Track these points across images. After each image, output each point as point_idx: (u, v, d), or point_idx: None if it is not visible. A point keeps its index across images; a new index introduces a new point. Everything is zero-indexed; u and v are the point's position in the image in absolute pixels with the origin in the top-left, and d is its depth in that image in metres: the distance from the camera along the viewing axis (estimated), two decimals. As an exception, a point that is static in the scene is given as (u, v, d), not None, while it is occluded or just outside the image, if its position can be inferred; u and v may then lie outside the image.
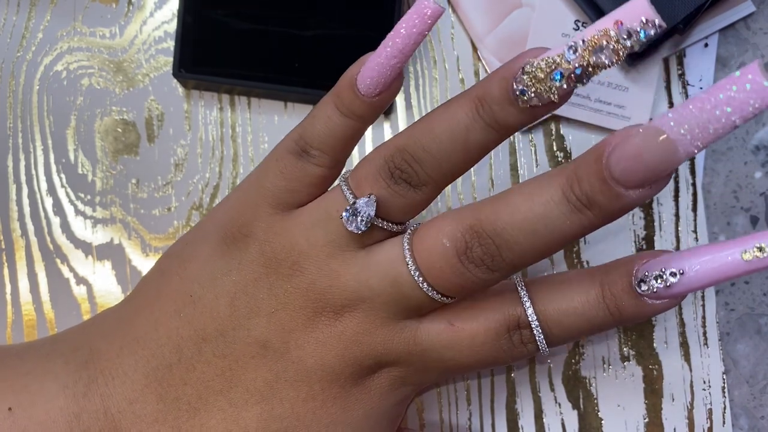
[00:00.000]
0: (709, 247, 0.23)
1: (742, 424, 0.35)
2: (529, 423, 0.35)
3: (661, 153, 0.21)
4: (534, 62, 0.23)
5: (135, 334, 0.27)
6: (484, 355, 0.26)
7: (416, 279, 0.25)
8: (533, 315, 0.26)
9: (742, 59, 0.36)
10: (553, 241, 0.24)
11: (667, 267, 0.24)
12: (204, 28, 0.34)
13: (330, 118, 0.26)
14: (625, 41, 0.21)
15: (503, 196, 0.25)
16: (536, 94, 0.23)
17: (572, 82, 0.22)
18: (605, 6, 0.34)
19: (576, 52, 0.22)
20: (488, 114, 0.24)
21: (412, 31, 0.24)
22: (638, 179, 0.22)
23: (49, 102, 0.36)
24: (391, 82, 0.25)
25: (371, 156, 0.26)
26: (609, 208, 0.23)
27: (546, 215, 0.23)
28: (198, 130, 0.36)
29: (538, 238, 0.24)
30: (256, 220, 0.27)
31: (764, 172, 0.36)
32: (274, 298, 0.26)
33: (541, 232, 0.24)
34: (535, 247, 0.24)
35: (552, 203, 0.23)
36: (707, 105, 0.20)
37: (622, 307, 0.25)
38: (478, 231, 0.24)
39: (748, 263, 0.22)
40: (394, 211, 0.26)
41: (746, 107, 0.20)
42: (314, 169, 0.26)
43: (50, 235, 0.35)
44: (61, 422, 0.26)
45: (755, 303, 0.35)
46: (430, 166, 0.25)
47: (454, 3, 0.36)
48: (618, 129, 0.33)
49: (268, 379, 0.26)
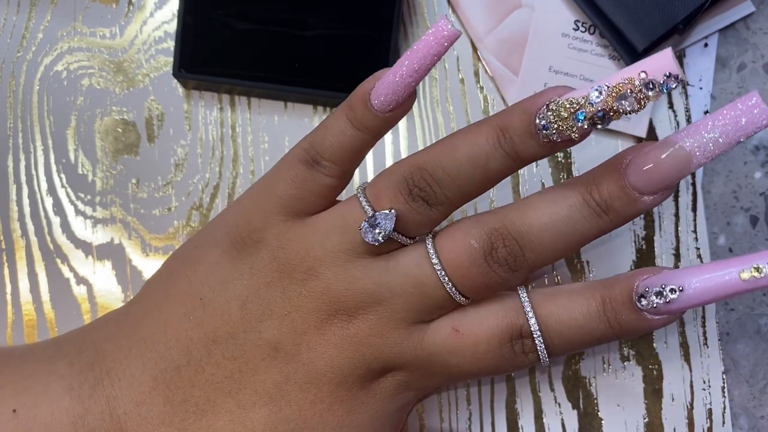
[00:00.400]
0: (708, 265, 0.25)
1: (741, 423, 0.35)
2: (528, 423, 0.35)
3: (677, 163, 0.24)
4: (559, 100, 0.24)
5: (143, 335, 0.27)
6: (486, 362, 0.27)
7: (441, 278, 0.26)
8: (536, 325, 0.27)
9: (742, 59, 0.36)
10: (573, 242, 0.26)
11: (667, 283, 0.25)
12: (204, 28, 0.34)
13: (342, 130, 0.27)
14: (647, 92, 0.23)
15: (527, 201, 0.27)
16: (558, 131, 0.24)
17: (593, 124, 0.24)
18: (605, 6, 0.34)
19: (600, 95, 0.23)
20: (509, 144, 0.25)
21: (428, 53, 0.25)
22: (654, 186, 0.25)
23: (49, 102, 0.36)
24: (404, 99, 0.26)
25: (390, 170, 0.27)
26: (624, 212, 0.25)
27: (569, 217, 0.26)
28: (198, 130, 0.36)
29: (560, 239, 0.26)
30: (267, 226, 0.27)
31: (764, 172, 0.36)
32: (287, 301, 0.27)
33: (565, 232, 0.26)
34: (557, 247, 0.26)
35: (574, 208, 0.26)
36: (718, 123, 0.23)
37: (623, 320, 0.26)
38: (503, 233, 0.26)
39: (746, 282, 0.24)
40: (410, 226, 0.27)
41: (750, 127, 0.23)
42: (324, 179, 0.27)
43: (50, 235, 0.35)
44: (65, 423, 0.26)
45: (755, 303, 0.35)
46: (448, 187, 0.26)
47: (454, 3, 0.36)
48: (618, 129, 0.33)
49: (277, 381, 0.27)
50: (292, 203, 0.27)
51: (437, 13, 0.36)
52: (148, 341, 0.27)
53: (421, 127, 0.36)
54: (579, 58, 0.35)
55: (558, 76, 0.35)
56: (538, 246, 0.26)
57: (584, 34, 0.35)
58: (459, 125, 0.36)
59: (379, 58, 0.34)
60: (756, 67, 0.36)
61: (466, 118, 0.36)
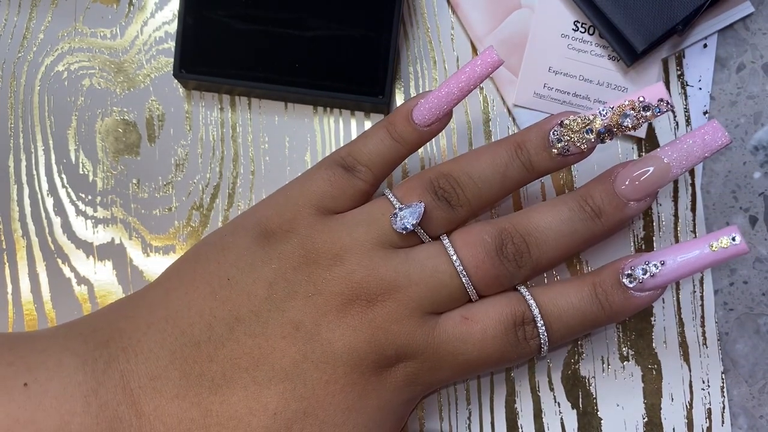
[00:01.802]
0: (685, 243, 0.29)
1: (741, 423, 0.35)
2: (528, 422, 0.35)
3: (657, 175, 0.29)
4: (572, 117, 0.29)
5: (165, 313, 0.28)
6: (493, 349, 0.29)
7: (457, 268, 0.29)
8: (536, 310, 0.29)
9: (741, 59, 0.36)
10: (572, 242, 0.30)
11: (650, 260, 0.29)
12: (205, 28, 0.34)
13: (381, 140, 0.30)
14: (645, 113, 0.28)
15: (533, 207, 0.30)
16: (569, 143, 0.29)
17: (599, 138, 0.29)
18: (604, 7, 0.34)
19: (606, 114, 0.29)
20: (525, 156, 0.30)
21: (474, 74, 0.29)
22: (638, 193, 0.29)
23: (50, 102, 0.36)
24: (444, 116, 0.30)
25: (418, 175, 0.30)
26: (614, 216, 0.30)
27: (569, 219, 0.30)
28: (198, 131, 0.36)
29: (561, 238, 0.29)
30: (298, 218, 0.29)
31: (763, 173, 0.36)
32: (311, 285, 0.28)
33: (565, 232, 0.30)
34: (557, 246, 0.30)
35: (573, 211, 0.30)
36: (691, 140, 0.28)
37: (612, 301, 0.29)
38: (512, 231, 0.29)
39: (716, 252, 0.28)
40: (432, 223, 0.30)
41: (714, 144, 0.28)
42: (359, 183, 0.30)
43: (51, 235, 0.35)
44: (77, 396, 0.26)
45: (754, 303, 0.36)
46: (470, 190, 0.30)
47: (454, 3, 0.36)
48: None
49: (295, 359, 0.28)
50: (325, 200, 0.30)
51: (437, 13, 0.36)
52: (171, 318, 0.28)
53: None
54: (578, 59, 0.35)
55: (557, 77, 0.35)
56: (543, 243, 0.29)
57: (584, 34, 0.35)
58: (459, 126, 0.36)
59: (379, 58, 0.34)
60: (755, 68, 0.36)
61: (466, 118, 0.36)
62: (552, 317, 0.29)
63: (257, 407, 0.27)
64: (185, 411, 0.27)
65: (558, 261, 0.30)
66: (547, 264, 0.30)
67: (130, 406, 0.27)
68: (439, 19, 0.36)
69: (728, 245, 0.28)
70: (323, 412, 0.28)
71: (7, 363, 0.27)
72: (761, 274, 0.36)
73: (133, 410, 0.27)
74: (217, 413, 0.27)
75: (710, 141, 0.28)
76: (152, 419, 0.27)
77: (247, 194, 0.36)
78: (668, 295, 0.35)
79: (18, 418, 0.26)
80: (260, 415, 0.27)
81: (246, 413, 0.27)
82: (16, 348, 0.28)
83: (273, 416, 0.27)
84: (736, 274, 0.36)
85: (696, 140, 0.28)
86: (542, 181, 0.36)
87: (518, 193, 0.36)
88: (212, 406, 0.27)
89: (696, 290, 0.35)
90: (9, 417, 0.26)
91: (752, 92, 0.36)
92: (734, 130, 0.36)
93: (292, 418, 0.27)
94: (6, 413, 0.26)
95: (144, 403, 0.27)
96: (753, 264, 0.36)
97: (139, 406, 0.27)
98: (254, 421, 0.27)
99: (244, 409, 0.27)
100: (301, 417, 0.27)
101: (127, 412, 0.27)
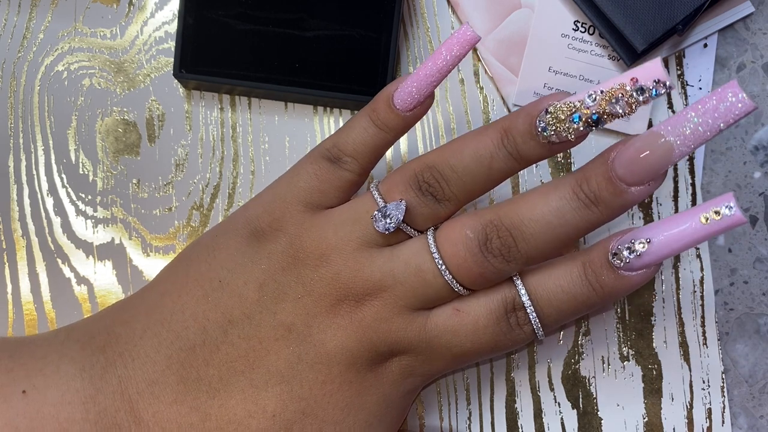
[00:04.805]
0: (672, 217, 0.26)
1: (741, 423, 0.35)
2: (528, 422, 0.35)
3: (660, 154, 0.25)
4: (557, 104, 0.26)
5: (159, 317, 0.28)
6: (486, 338, 0.28)
7: (439, 267, 0.28)
8: (525, 295, 0.28)
9: (741, 59, 0.36)
10: (564, 234, 0.27)
11: (635, 238, 0.26)
12: (205, 28, 0.34)
13: (365, 129, 0.29)
14: (638, 96, 0.24)
15: (521, 196, 0.28)
16: (556, 132, 0.26)
17: (588, 126, 0.26)
18: (604, 7, 0.34)
19: (594, 100, 0.25)
20: (511, 145, 0.27)
21: (451, 54, 0.27)
22: (639, 177, 0.25)
23: (50, 102, 0.36)
24: (425, 99, 0.28)
25: (402, 168, 0.29)
26: (612, 203, 0.26)
27: (560, 209, 0.27)
28: (198, 130, 0.36)
29: (551, 230, 0.27)
30: (287, 216, 0.29)
31: (763, 172, 0.36)
32: (300, 286, 0.28)
33: (555, 223, 0.27)
34: (547, 240, 0.27)
35: (564, 200, 0.27)
36: (698, 112, 0.24)
37: (603, 281, 0.27)
38: (497, 224, 0.27)
39: (707, 225, 0.25)
40: (418, 219, 0.29)
41: (729, 115, 0.23)
42: (345, 174, 0.29)
43: (51, 235, 0.35)
44: (76, 403, 0.26)
45: (754, 303, 0.36)
46: (455, 184, 0.28)
47: (454, 3, 0.36)
48: (618, 129, 0.34)
49: (290, 361, 0.28)
50: (313, 195, 0.29)
51: (437, 13, 0.36)
52: (166, 322, 0.28)
53: (420, 128, 0.36)
54: (578, 59, 0.35)
55: (557, 77, 0.35)
56: (531, 237, 0.27)
57: (584, 34, 0.35)
58: (459, 126, 0.36)
59: (379, 58, 0.34)
60: (755, 68, 0.36)
61: (466, 118, 0.36)
62: (543, 301, 0.28)
63: (256, 410, 0.27)
64: (184, 416, 0.27)
65: (553, 252, 0.28)
66: (540, 256, 0.28)
67: (128, 413, 0.27)
68: (439, 19, 0.36)
69: (721, 217, 0.24)
70: (322, 411, 0.28)
71: (6, 370, 0.27)
72: (761, 274, 0.36)
73: (132, 416, 0.27)
74: (216, 417, 0.27)
75: (727, 109, 0.23)
76: (151, 425, 0.27)
77: (247, 194, 0.36)
78: (668, 295, 0.35)
79: (17, 426, 0.26)
80: (259, 417, 0.27)
81: (245, 416, 0.27)
82: (16, 355, 0.28)
83: (272, 418, 0.27)
84: (736, 274, 0.36)
85: (709, 108, 0.24)
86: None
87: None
88: (211, 410, 0.27)
89: (696, 290, 0.35)
90: (8, 425, 0.26)
91: (752, 92, 0.36)
92: (734, 130, 0.36)
93: (291, 418, 0.27)
94: (5, 421, 0.26)
95: (142, 409, 0.27)
96: (753, 264, 0.36)
97: (137, 412, 0.27)
98: (254, 424, 0.27)
99: (242, 412, 0.27)
100: (300, 417, 0.27)
101: (125, 418, 0.27)
